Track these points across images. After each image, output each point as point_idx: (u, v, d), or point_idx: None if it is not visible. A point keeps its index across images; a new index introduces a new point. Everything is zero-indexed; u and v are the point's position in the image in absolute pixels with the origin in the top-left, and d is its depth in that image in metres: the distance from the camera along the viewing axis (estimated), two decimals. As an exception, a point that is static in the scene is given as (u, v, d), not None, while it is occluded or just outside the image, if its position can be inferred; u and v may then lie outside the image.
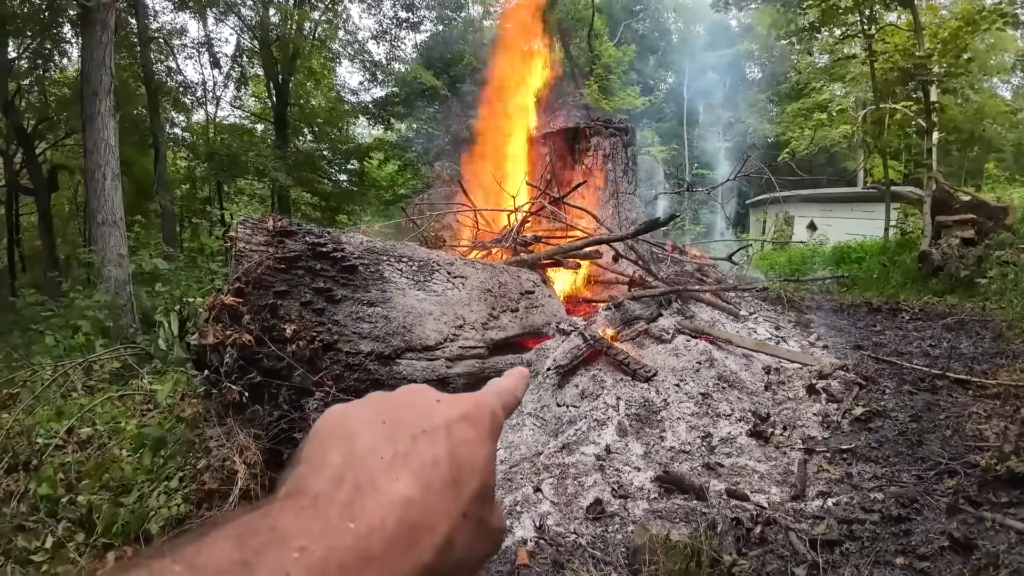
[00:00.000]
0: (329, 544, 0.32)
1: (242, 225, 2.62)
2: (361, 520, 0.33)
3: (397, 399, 0.42)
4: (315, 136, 20.22)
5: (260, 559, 0.30)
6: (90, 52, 8.32)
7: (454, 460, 0.38)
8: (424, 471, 0.37)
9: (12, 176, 17.30)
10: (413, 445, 0.38)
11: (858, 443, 3.15)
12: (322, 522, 0.33)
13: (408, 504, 0.35)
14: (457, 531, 0.36)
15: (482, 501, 0.39)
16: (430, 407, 0.41)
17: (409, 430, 0.39)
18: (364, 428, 0.39)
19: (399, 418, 0.40)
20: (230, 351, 2.28)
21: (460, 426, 0.40)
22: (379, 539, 0.33)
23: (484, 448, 0.41)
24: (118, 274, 7.58)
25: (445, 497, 0.37)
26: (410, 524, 0.34)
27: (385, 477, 0.35)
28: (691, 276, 5.56)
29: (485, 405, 0.44)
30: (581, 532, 2.49)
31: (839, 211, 17.06)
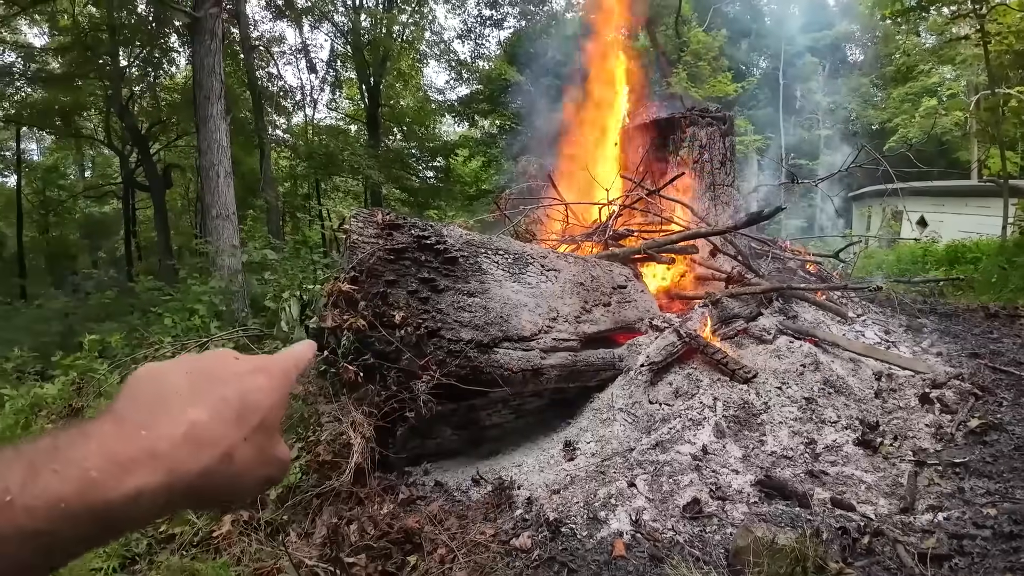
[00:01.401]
0: (122, 441, 0.43)
1: (355, 218, 2.78)
2: (153, 431, 0.45)
3: (202, 357, 0.53)
4: (404, 135, 20.98)
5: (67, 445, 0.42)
6: (200, 59, 9.07)
7: (241, 400, 0.50)
8: (213, 405, 0.48)
9: (128, 174, 19.16)
10: (208, 386, 0.49)
11: (972, 457, 2.95)
12: (119, 428, 0.44)
13: (195, 424, 0.46)
14: (236, 449, 0.48)
15: (264, 433, 0.51)
16: (228, 363, 0.53)
17: (206, 377, 0.50)
18: (172, 374, 0.50)
19: (201, 368, 0.51)
20: (347, 334, 2.44)
21: (251, 376, 0.52)
22: (166, 444, 0.44)
23: (272, 395, 0.52)
24: (231, 263, 8.24)
25: (229, 425, 0.48)
26: (195, 438, 0.46)
27: (179, 406, 0.47)
28: (794, 274, 5.29)
29: (278, 363, 0.56)
30: (678, 530, 2.47)
31: (952, 206, 15.66)
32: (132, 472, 0.42)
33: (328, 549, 2.08)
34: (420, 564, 2.25)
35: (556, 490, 2.80)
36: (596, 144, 6.31)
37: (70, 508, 0.40)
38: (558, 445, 3.27)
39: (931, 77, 20.62)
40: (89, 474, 0.41)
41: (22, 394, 4.30)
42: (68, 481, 0.40)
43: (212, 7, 9.00)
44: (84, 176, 26.40)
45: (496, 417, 3.32)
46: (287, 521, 2.54)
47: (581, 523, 2.52)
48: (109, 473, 0.42)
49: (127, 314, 8.98)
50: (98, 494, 0.41)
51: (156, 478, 0.43)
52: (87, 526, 0.41)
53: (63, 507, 0.40)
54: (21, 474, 0.40)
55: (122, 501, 0.42)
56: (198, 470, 0.45)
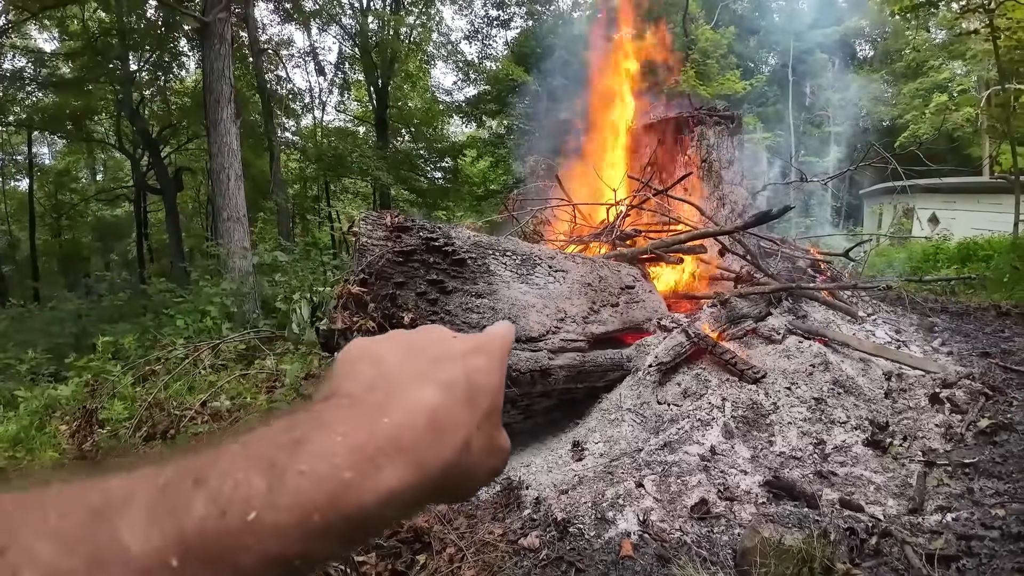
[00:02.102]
0: (368, 432, 0.37)
1: (364, 221, 2.81)
2: (394, 417, 0.38)
3: (417, 333, 0.49)
4: (412, 136, 21.05)
5: (310, 439, 0.35)
6: (210, 63, 9.15)
7: (469, 381, 0.44)
8: (445, 388, 0.42)
9: (140, 177, 19.36)
10: (434, 367, 0.44)
11: (982, 457, 2.94)
12: (360, 416, 0.38)
13: (435, 409, 0.40)
14: (473, 438, 0.42)
15: (492, 419, 0.45)
16: (447, 340, 0.48)
17: (430, 355, 0.45)
18: (389, 352, 0.45)
19: (420, 347, 0.46)
20: (357, 335, 2.47)
21: (474, 356, 0.46)
22: (410, 434, 0.38)
23: (495, 375, 0.47)
24: (242, 265, 8.32)
25: (463, 409, 0.42)
26: (436, 425, 0.40)
27: (412, 387, 0.41)
28: (803, 273, 5.27)
29: (495, 342, 0.50)
30: (686, 530, 2.48)
31: (964, 203, 15.51)
32: (383, 469, 0.36)
33: (339, 548, 2.10)
34: (429, 563, 2.27)
35: (564, 490, 2.82)
36: (604, 144, 6.31)
37: (324, 520, 0.33)
38: (566, 445, 3.28)
39: (941, 73, 20.41)
40: (342, 475, 0.34)
41: (36, 395, 4.37)
42: (320, 485, 0.33)
43: (221, 11, 9.08)
44: (96, 179, 26.69)
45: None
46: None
47: (589, 523, 2.53)
48: (361, 471, 0.35)
49: (140, 316, 9.09)
50: (352, 498, 0.34)
51: (406, 475, 0.37)
52: (337, 542, 0.34)
53: (316, 519, 0.32)
54: (263, 480, 0.32)
55: (376, 505, 0.35)
56: (441, 463, 0.39)
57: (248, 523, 0.31)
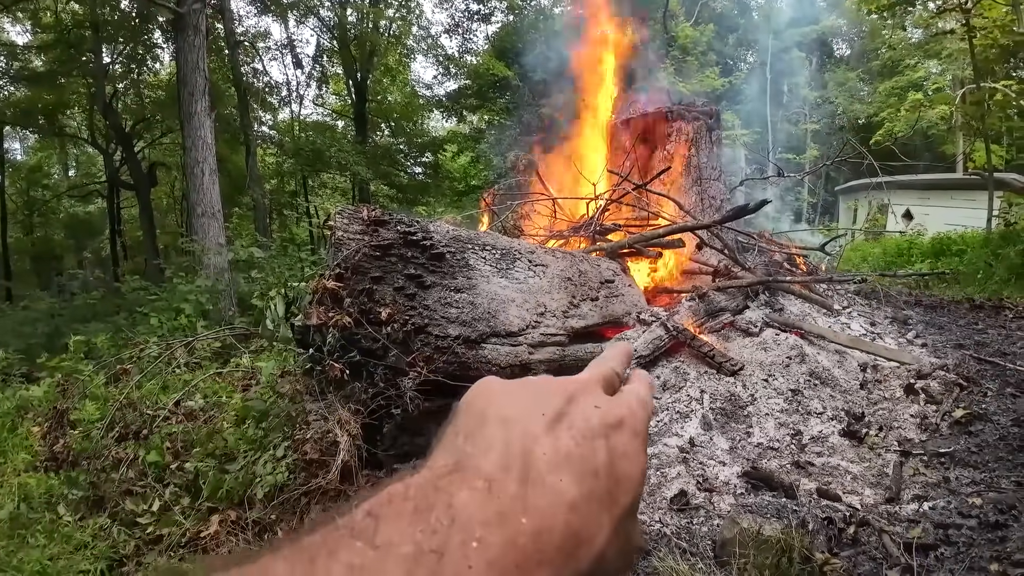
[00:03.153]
0: (507, 538, 0.30)
1: (340, 215, 2.76)
2: (533, 517, 0.32)
3: (556, 390, 0.40)
4: (392, 131, 20.88)
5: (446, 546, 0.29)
6: (184, 55, 8.96)
7: (612, 472, 0.36)
8: (585, 478, 0.35)
9: (113, 173, 18.94)
10: (576, 448, 0.36)
11: (957, 447, 3.00)
12: (497, 511, 0.31)
13: (574, 509, 0.33)
14: (609, 545, 0.35)
15: (631, 518, 0.38)
16: (588, 410, 0.39)
17: (571, 431, 0.37)
18: (523, 415, 0.37)
19: (559, 413, 0.38)
20: (332, 331, 2.43)
21: (619, 436, 0.38)
22: (548, 541, 0.31)
23: (640, 462, 0.39)
24: (217, 262, 8.17)
25: (602, 509, 0.35)
26: (574, 531, 0.33)
27: (552, 475, 0.34)
28: (780, 267, 5.33)
29: (640, 415, 0.41)
30: (666, 521, 2.48)
31: (937, 199, 15.83)
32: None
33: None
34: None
35: (545, 485, 2.80)
36: (583, 138, 6.31)
37: None
38: (547, 440, 3.27)
39: (917, 71, 20.81)
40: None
41: (8, 396, 4.25)
42: None
43: (196, 2, 8.89)
44: (68, 175, 26.08)
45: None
46: (275, 520, 2.53)
47: (569, 517, 2.52)
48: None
49: (113, 314, 8.90)
50: None
51: None
52: None
53: None
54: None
55: None
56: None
57: None
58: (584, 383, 0.42)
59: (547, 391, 0.40)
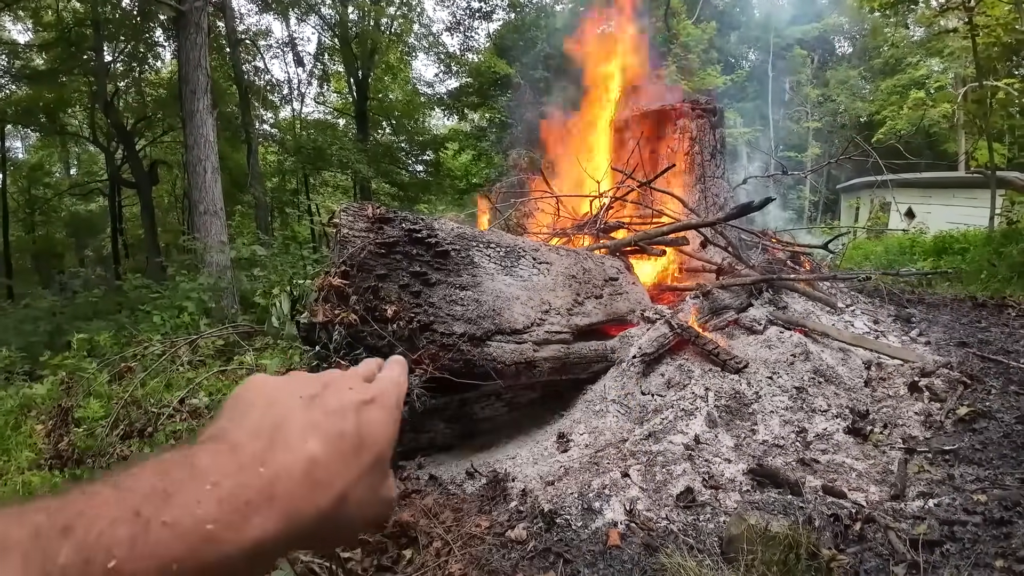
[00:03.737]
0: (239, 482, 0.38)
1: (345, 212, 2.76)
2: (270, 467, 0.39)
3: (314, 380, 0.49)
4: (393, 129, 20.85)
5: (178, 488, 0.36)
6: (186, 53, 8.96)
7: (359, 434, 0.45)
8: (331, 440, 0.43)
9: (114, 171, 18.95)
10: (324, 417, 0.45)
11: (961, 444, 2.99)
12: (235, 464, 0.39)
13: (313, 462, 0.41)
14: (351, 490, 0.44)
15: (378, 471, 0.47)
16: (343, 391, 0.48)
17: (322, 405, 0.46)
18: (283, 397, 0.46)
19: (315, 395, 0.47)
20: (338, 329, 2.43)
21: (368, 408, 0.48)
22: (283, 485, 0.39)
23: (387, 428, 0.48)
24: (220, 259, 8.17)
25: (345, 463, 0.44)
26: (312, 478, 0.41)
27: (297, 439, 0.42)
28: (784, 264, 5.32)
29: (390, 393, 0.52)
30: (672, 519, 2.48)
31: (939, 198, 15.79)
32: (250, 520, 0.37)
33: (323, 544, 2.07)
34: (416, 558, 2.25)
35: (550, 482, 2.81)
36: (586, 136, 6.30)
37: (183, 569, 0.34)
38: (551, 437, 3.28)
39: (919, 69, 20.75)
40: (204, 527, 0.35)
41: (11, 395, 4.25)
42: (181, 536, 0.34)
43: (198, 0, 8.88)
44: (70, 174, 26.08)
45: (489, 410, 3.32)
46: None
47: (576, 514, 2.52)
48: (225, 523, 0.36)
49: (115, 312, 8.91)
50: (214, 549, 0.35)
51: (273, 526, 0.38)
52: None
53: (175, 568, 0.34)
54: (127, 529, 0.33)
55: (238, 555, 0.36)
56: (313, 514, 0.40)
57: (108, 570, 0.32)
58: (342, 373, 0.52)
59: (308, 379, 0.49)
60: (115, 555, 0.32)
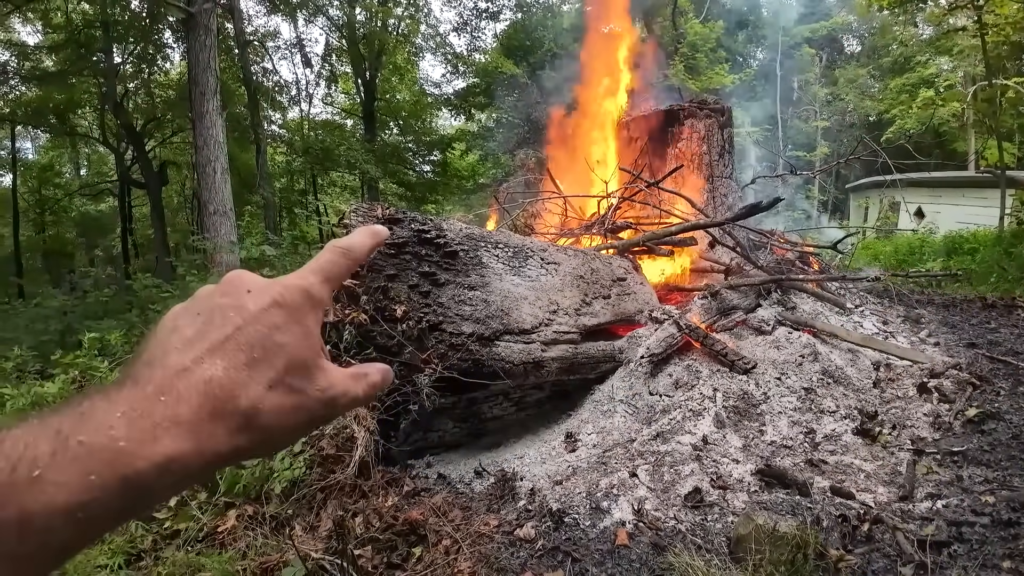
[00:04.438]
0: (145, 409, 0.40)
1: (355, 213, 2.78)
2: (169, 394, 0.41)
3: (213, 294, 0.48)
4: (400, 129, 20.86)
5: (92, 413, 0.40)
6: (196, 55, 8.99)
7: (257, 344, 0.44)
8: (227, 355, 0.44)
9: (124, 171, 19.06)
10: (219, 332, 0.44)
11: (970, 445, 2.99)
12: (139, 393, 0.41)
13: (209, 383, 0.42)
14: (262, 400, 0.43)
15: (296, 373, 0.45)
16: (241, 300, 0.47)
17: (218, 320, 0.45)
18: (183, 321, 0.46)
19: (210, 310, 0.46)
20: (349, 328, 2.45)
21: (266, 314, 0.46)
22: (186, 408, 0.41)
23: (294, 328, 0.46)
24: (230, 259, 8.22)
25: (247, 376, 0.43)
26: (212, 396, 0.42)
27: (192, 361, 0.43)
28: (792, 265, 5.30)
29: (295, 287, 0.48)
30: (680, 518, 2.49)
31: (949, 197, 15.67)
32: (159, 439, 0.40)
33: (334, 542, 2.09)
34: (425, 555, 2.27)
35: (558, 481, 2.82)
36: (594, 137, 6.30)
37: (101, 479, 0.38)
38: (559, 437, 3.29)
39: (928, 68, 20.62)
40: (117, 444, 0.39)
41: (23, 393, 4.29)
42: (96, 451, 0.38)
43: (207, 2, 8.93)
44: (80, 174, 26.27)
45: (497, 410, 3.34)
46: (292, 515, 2.56)
47: (584, 513, 2.54)
48: (136, 441, 0.39)
49: (125, 311, 8.96)
50: (128, 464, 0.39)
51: (184, 445, 0.40)
52: (119, 498, 0.39)
53: (93, 479, 0.38)
54: (49, 445, 0.38)
55: (153, 470, 0.39)
56: (224, 431, 0.42)
57: (33, 478, 0.36)
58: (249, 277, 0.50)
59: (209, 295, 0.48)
60: (38, 465, 0.37)
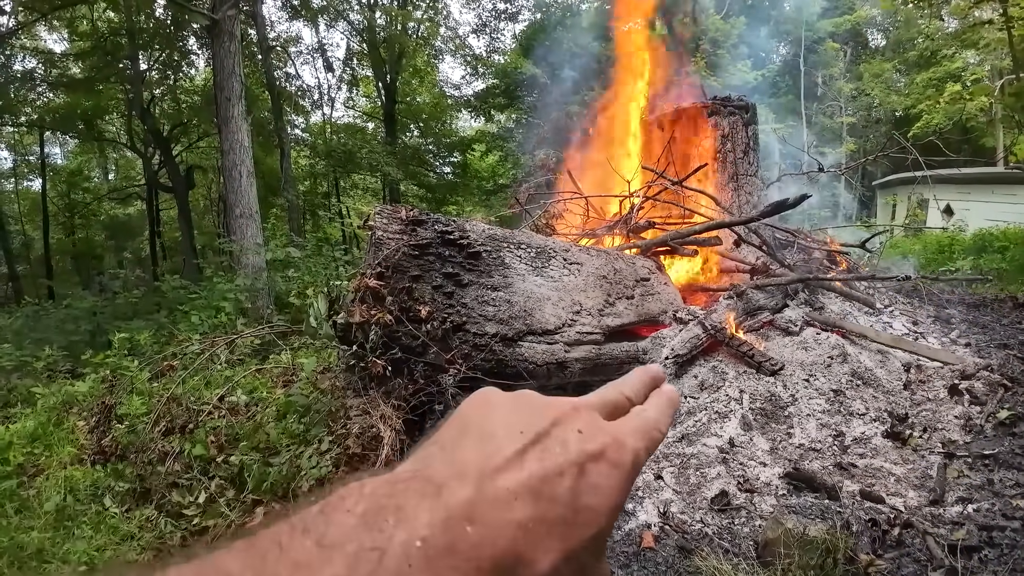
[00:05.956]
0: (449, 541, 0.33)
1: (379, 215, 2.81)
2: (477, 527, 0.34)
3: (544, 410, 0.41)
4: (421, 131, 21.03)
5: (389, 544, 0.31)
6: (220, 61, 9.16)
7: (575, 502, 0.37)
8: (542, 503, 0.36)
9: (152, 176, 19.47)
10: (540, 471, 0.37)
11: (1001, 448, 2.92)
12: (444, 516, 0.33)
13: (522, 528, 0.35)
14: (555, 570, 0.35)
15: (592, 550, 0.38)
16: (569, 435, 0.39)
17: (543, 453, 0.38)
18: (502, 432, 0.38)
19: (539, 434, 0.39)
20: (374, 329, 2.47)
21: (596, 467, 0.38)
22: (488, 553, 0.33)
23: (613, 498, 0.39)
24: (255, 261, 8.36)
25: (553, 536, 0.36)
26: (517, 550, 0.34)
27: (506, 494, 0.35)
28: (820, 264, 5.20)
29: (628, 447, 0.41)
30: (707, 522, 2.47)
31: (978, 194, 15.28)
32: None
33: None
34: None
35: (582, 482, 2.81)
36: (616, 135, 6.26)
37: None
38: (583, 438, 3.27)
39: (955, 62, 20.12)
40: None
41: (54, 392, 4.40)
42: None
43: (230, 9, 9.09)
44: (108, 179, 26.89)
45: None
46: (318, 512, 2.58)
47: (609, 515, 2.52)
48: None
49: (154, 312, 9.14)
50: None
51: None
52: None
53: None
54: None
55: None
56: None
57: None
58: (577, 406, 0.42)
59: (536, 410, 0.41)
60: None
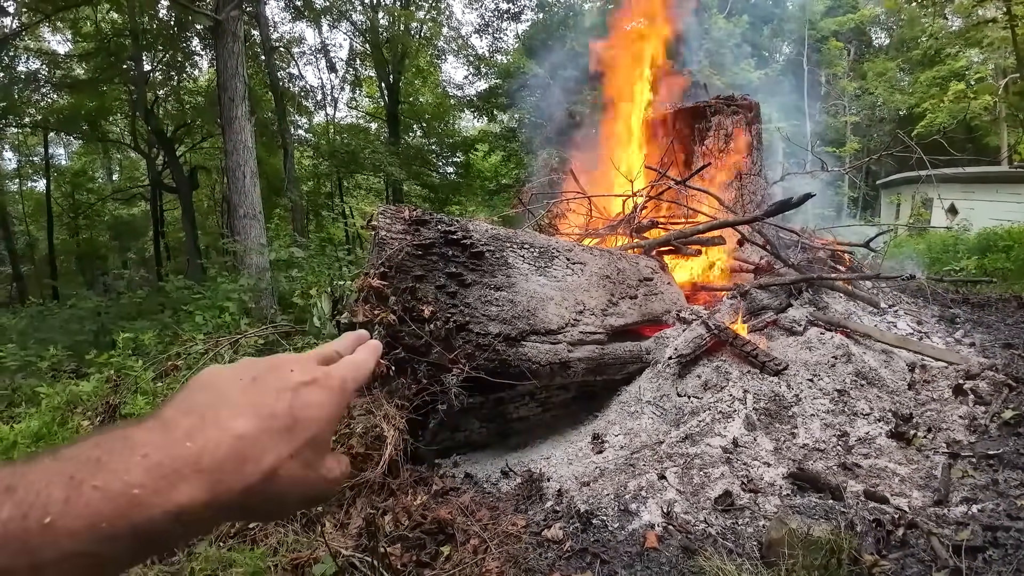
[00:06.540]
0: (167, 454, 0.41)
1: (383, 215, 2.81)
2: (197, 441, 0.43)
3: (259, 364, 0.52)
4: (424, 131, 21.04)
5: (110, 457, 0.40)
6: (224, 62, 9.16)
7: (292, 415, 0.48)
8: (262, 418, 0.46)
9: (155, 176, 19.53)
10: (259, 397, 0.48)
11: (1006, 448, 2.90)
12: (164, 437, 0.43)
13: (240, 438, 0.44)
14: (282, 467, 0.46)
15: (313, 450, 0.49)
16: (284, 373, 0.50)
17: (259, 386, 0.48)
18: (226, 381, 0.49)
19: (254, 378, 0.49)
20: (378, 329, 2.47)
21: (306, 389, 0.50)
22: (209, 458, 0.43)
23: (325, 410, 0.50)
24: (259, 261, 8.38)
25: (276, 440, 0.46)
26: (239, 453, 0.44)
27: (227, 416, 0.45)
28: (824, 263, 5.19)
29: (335, 376, 0.53)
30: (710, 522, 2.46)
31: (982, 193, 15.22)
32: (175, 487, 0.41)
33: (364, 539, 2.12)
34: (454, 554, 2.28)
35: (586, 482, 2.81)
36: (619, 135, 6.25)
37: (112, 528, 0.38)
38: (586, 438, 3.28)
39: (958, 60, 20.05)
40: (132, 491, 0.39)
41: (58, 391, 4.42)
42: (110, 498, 0.39)
43: (233, 9, 9.10)
44: (112, 179, 26.99)
45: (523, 410, 3.34)
46: (322, 512, 2.59)
47: (612, 515, 2.52)
48: (152, 489, 0.40)
49: (158, 312, 9.15)
50: (141, 512, 0.39)
51: (199, 494, 0.41)
52: (129, 545, 0.39)
53: (104, 527, 0.38)
54: (62, 490, 0.38)
55: (164, 519, 0.40)
56: (240, 487, 0.43)
57: (44, 525, 0.37)
58: (292, 357, 0.54)
59: (254, 364, 0.52)
60: (50, 512, 0.37)
